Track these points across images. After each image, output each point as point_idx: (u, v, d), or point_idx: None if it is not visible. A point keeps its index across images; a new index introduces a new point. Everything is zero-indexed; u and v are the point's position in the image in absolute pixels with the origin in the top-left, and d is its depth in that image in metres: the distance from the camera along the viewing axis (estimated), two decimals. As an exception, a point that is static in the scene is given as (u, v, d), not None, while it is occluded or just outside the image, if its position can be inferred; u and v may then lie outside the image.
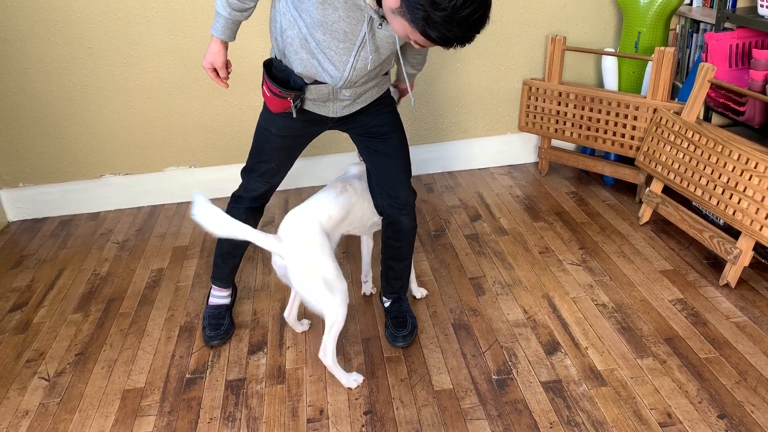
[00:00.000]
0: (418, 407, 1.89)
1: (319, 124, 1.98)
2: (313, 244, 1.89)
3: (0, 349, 2.28)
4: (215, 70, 1.89)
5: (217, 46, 1.85)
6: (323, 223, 1.94)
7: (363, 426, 1.83)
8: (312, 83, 1.83)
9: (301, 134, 2.00)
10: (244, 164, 3.22)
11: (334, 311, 1.90)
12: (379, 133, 2.00)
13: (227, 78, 1.92)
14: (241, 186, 2.13)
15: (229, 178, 3.29)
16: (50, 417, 1.96)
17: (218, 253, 2.24)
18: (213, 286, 2.31)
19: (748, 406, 1.80)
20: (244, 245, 2.22)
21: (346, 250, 2.76)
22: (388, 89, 2.03)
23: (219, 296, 2.31)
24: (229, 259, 2.24)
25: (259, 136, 2.02)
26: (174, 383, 2.06)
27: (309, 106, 1.91)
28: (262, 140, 2.01)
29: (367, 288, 2.43)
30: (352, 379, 1.99)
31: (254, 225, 2.17)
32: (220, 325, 2.22)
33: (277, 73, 1.83)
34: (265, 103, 1.92)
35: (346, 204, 2.02)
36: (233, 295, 2.36)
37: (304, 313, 2.29)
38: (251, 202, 2.13)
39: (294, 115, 1.88)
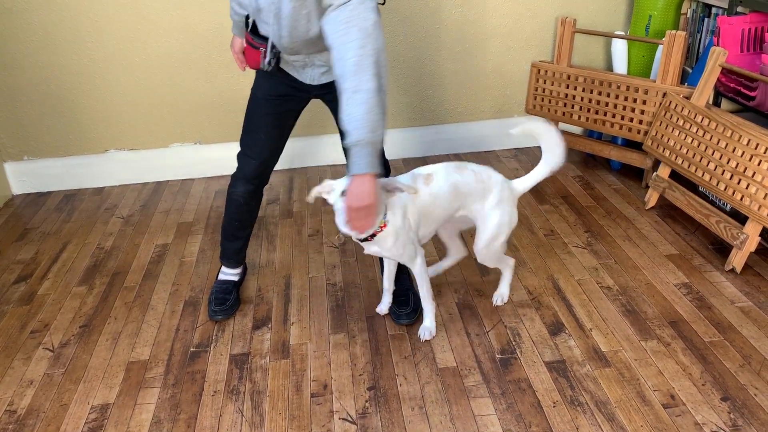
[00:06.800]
0: (421, 384, 1.89)
1: (303, 91, 2.00)
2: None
3: (5, 320, 2.29)
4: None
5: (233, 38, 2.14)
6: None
7: (367, 401, 1.84)
8: None
9: (286, 97, 2.01)
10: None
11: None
12: None
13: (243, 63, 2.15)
14: (236, 168, 2.15)
15: (234, 156, 3.26)
16: (55, 387, 1.96)
17: (223, 234, 2.25)
18: (222, 266, 2.32)
19: (752, 389, 1.80)
20: (247, 228, 2.23)
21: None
22: None
23: (228, 273, 2.31)
24: (233, 241, 2.25)
25: (248, 105, 2.07)
26: (178, 356, 2.06)
27: (288, 69, 1.95)
28: (250, 108, 2.06)
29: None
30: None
31: (254, 210, 2.19)
32: (225, 300, 2.22)
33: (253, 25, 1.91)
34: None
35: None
36: (242, 274, 2.37)
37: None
38: (245, 184, 2.12)
39: (268, 69, 1.90)
